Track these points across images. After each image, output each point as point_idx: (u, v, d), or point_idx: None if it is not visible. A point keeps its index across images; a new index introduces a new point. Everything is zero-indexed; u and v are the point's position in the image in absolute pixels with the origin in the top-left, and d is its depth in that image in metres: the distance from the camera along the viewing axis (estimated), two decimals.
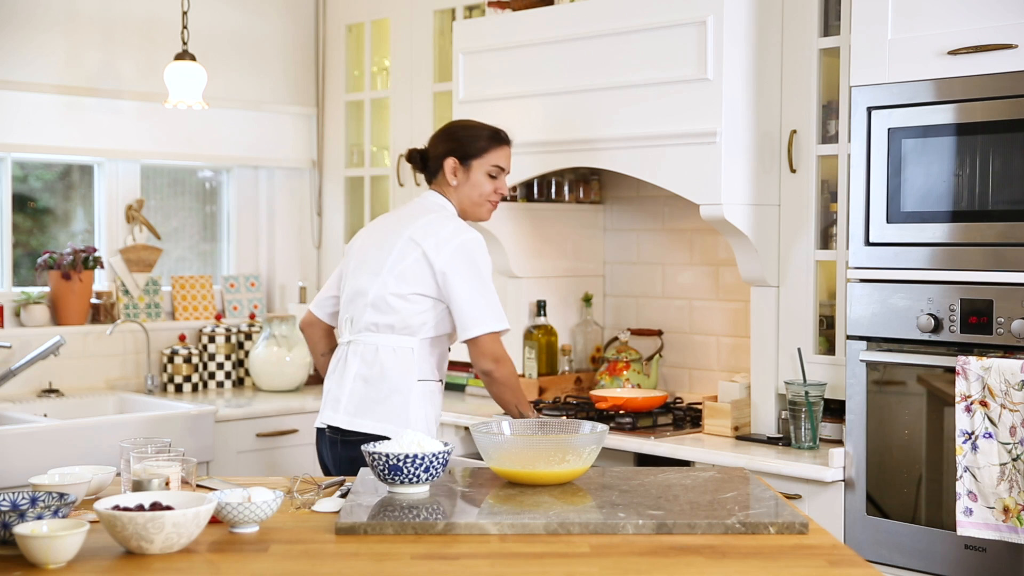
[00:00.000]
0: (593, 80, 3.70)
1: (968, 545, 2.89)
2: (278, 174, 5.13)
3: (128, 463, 2.24)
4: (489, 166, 3.21)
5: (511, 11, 4.01)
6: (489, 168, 3.21)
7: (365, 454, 2.27)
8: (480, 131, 3.25)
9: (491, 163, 3.21)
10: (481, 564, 1.89)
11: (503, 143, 3.26)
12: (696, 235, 4.16)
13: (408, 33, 4.68)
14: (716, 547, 1.97)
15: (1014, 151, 2.85)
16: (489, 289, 3.07)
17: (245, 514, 2.04)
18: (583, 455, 2.32)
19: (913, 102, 2.99)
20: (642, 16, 3.57)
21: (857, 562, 1.91)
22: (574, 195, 4.35)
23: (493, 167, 3.22)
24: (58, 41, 4.42)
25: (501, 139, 3.26)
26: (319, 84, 5.10)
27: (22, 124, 4.34)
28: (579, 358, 4.36)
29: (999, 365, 2.79)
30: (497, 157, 3.24)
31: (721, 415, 3.56)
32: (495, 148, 3.23)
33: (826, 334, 3.49)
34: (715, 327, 4.10)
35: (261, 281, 5.06)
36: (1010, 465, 2.78)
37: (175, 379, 4.57)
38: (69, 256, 4.39)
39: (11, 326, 4.36)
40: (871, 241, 3.08)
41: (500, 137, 3.26)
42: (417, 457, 2.23)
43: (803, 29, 3.44)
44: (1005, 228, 2.85)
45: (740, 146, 3.44)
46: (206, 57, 4.61)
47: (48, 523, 1.89)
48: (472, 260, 3.05)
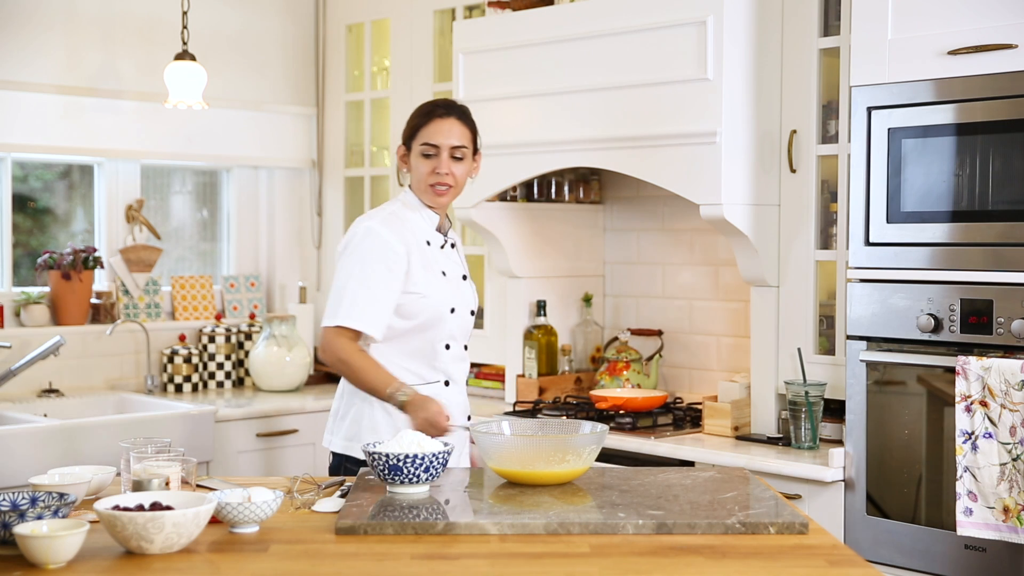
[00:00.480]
0: (593, 80, 3.70)
1: (968, 545, 2.89)
2: (278, 174, 5.13)
3: (128, 463, 2.24)
4: (420, 145, 2.90)
5: (511, 11, 4.01)
6: (420, 148, 2.90)
7: (365, 454, 2.27)
8: (417, 111, 2.96)
9: (421, 141, 2.89)
10: (481, 564, 1.89)
11: (434, 116, 2.90)
12: (696, 235, 4.15)
13: (408, 33, 4.68)
14: (716, 547, 1.97)
15: (1014, 151, 2.85)
16: (355, 282, 2.80)
17: (245, 514, 2.04)
18: (583, 455, 2.32)
19: (913, 102, 2.99)
20: (642, 16, 3.57)
21: (857, 562, 1.91)
22: (574, 195, 4.35)
23: (423, 145, 2.89)
24: (58, 41, 4.42)
25: (432, 113, 2.91)
26: (319, 84, 5.10)
27: (22, 124, 4.34)
28: (579, 358, 4.36)
29: (999, 365, 2.79)
30: (428, 134, 2.89)
31: (721, 415, 3.56)
32: (426, 124, 2.90)
33: (826, 334, 3.49)
34: (715, 327, 4.10)
35: (261, 281, 5.06)
36: (1010, 465, 2.78)
37: (175, 379, 4.57)
38: (69, 256, 4.39)
39: (11, 326, 4.36)
40: (871, 241, 3.08)
41: (431, 112, 2.91)
42: (417, 457, 2.23)
43: (803, 29, 3.44)
44: (1005, 228, 2.85)
45: (740, 146, 3.44)
46: (206, 57, 4.61)
47: (48, 523, 1.89)
48: (351, 249, 2.84)
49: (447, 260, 2.96)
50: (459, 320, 2.95)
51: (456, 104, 2.96)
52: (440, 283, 2.90)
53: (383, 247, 2.82)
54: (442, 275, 2.91)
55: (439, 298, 2.88)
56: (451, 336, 2.93)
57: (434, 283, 2.88)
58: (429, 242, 2.93)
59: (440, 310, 2.89)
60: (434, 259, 2.91)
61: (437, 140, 2.88)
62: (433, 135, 2.88)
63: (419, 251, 2.88)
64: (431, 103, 2.95)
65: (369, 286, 2.79)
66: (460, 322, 2.95)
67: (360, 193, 4.97)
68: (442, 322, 2.89)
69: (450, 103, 2.95)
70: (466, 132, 2.92)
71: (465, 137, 2.92)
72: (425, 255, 2.89)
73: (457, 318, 2.94)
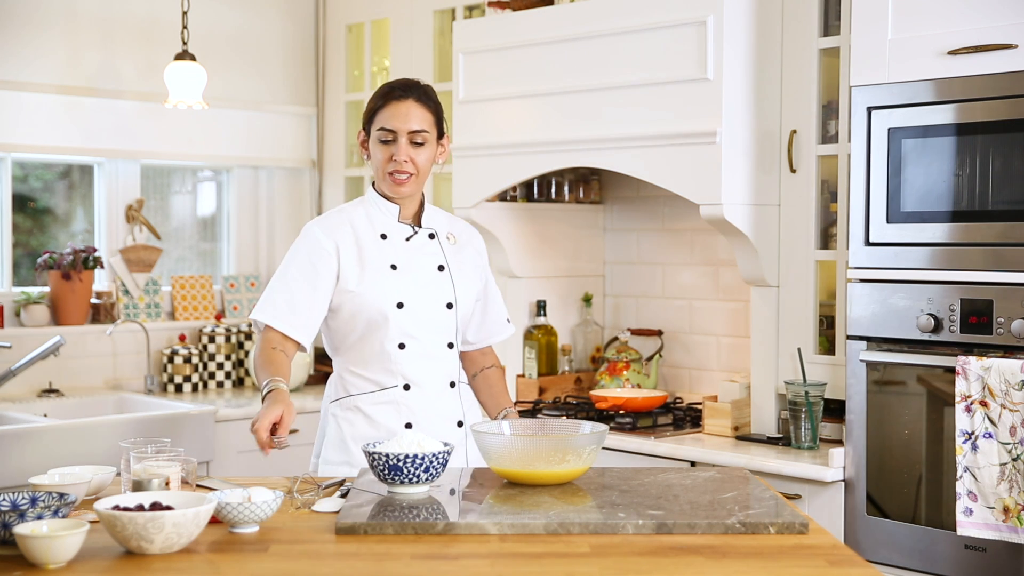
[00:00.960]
0: (593, 80, 3.70)
1: (968, 545, 2.89)
2: (278, 174, 5.13)
3: (128, 463, 2.24)
4: (377, 130, 2.71)
5: (511, 11, 4.01)
6: (377, 133, 2.71)
7: (365, 454, 2.27)
8: (377, 92, 2.76)
9: (378, 126, 2.70)
10: (481, 564, 1.89)
11: (391, 99, 2.70)
12: (696, 235, 4.15)
13: (408, 33, 4.68)
14: (716, 547, 1.97)
15: (1014, 151, 2.85)
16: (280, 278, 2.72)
17: (245, 514, 2.04)
18: (583, 455, 2.32)
19: (913, 102, 2.99)
20: (642, 16, 3.57)
21: (857, 562, 1.91)
22: (574, 195, 4.35)
23: (380, 130, 2.70)
24: (58, 41, 4.42)
25: (389, 95, 2.71)
26: (319, 84, 5.10)
27: (22, 124, 4.34)
28: (579, 358, 4.36)
29: (999, 365, 2.79)
30: (384, 117, 2.69)
31: (721, 415, 3.56)
32: (382, 107, 2.70)
33: (826, 334, 3.49)
34: (715, 327, 4.10)
35: (261, 281, 5.06)
36: (1010, 465, 2.78)
37: (175, 379, 4.57)
38: (69, 256, 4.39)
39: (11, 326, 4.36)
40: (871, 241, 3.08)
41: (387, 94, 2.71)
42: (417, 457, 2.23)
43: (803, 29, 3.44)
44: (1005, 228, 2.85)
45: (740, 146, 3.44)
46: (206, 57, 4.61)
47: (48, 523, 1.89)
48: (292, 248, 2.77)
49: (410, 252, 2.76)
50: (413, 316, 2.71)
51: (416, 84, 2.75)
52: (381, 278, 2.70)
53: (310, 245, 2.72)
54: (390, 269, 2.71)
55: (376, 294, 2.69)
56: (405, 334, 2.71)
57: (372, 279, 2.70)
58: (385, 235, 2.75)
59: (379, 307, 2.68)
60: (383, 253, 2.73)
61: (393, 124, 2.68)
62: (389, 119, 2.69)
63: (359, 247, 2.72)
64: (389, 84, 2.75)
65: (289, 285, 2.70)
66: (416, 318, 2.71)
67: (360, 193, 4.97)
68: (386, 320, 2.69)
69: (409, 83, 2.74)
70: (427, 115, 2.72)
71: (426, 120, 2.71)
72: (369, 250, 2.72)
73: (409, 314, 2.70)
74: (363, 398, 2.74)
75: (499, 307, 2.97)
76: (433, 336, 2.76)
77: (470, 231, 2.93)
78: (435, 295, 2.76)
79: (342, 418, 2.76)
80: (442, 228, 2.85)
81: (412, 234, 2.79)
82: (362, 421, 2.74)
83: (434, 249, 2.80)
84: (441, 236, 2.83)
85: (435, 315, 2.76)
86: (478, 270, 2.89)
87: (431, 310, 2.75)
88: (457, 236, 2.87)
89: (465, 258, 2.85)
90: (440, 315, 2.77)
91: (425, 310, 2.74)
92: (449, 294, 2.78)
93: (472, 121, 4.03)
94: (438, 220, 2.87)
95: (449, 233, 2.86)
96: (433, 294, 2.76)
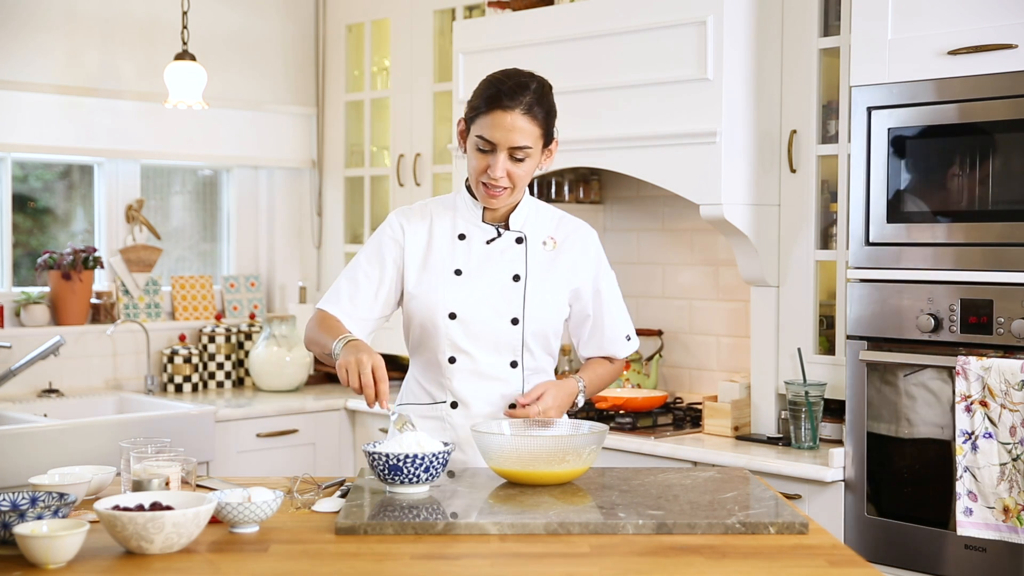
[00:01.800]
0: (593, 80, 3.70)
1: (968, 545, 2.89)
2: (278, 174, 5.13)
3: (128, 463, 2.24)
4: (475, 136, 2.47)
5: (511, 11, 4.01)
6: (475, 139, 2.47)
7: (365, 454, 2.27)
8: (483, 86, 2.51)
9: (477, 132, 2.46)
10: (481, 564, 1.89)
11: (496, 106, 2.43)
12: (696, 235, 4.15)
13: (408, 33, 4.68)
14: (716, 547, 1.97)
15: (1014, 151, 2.85)
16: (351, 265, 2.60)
17: (245, 514, 2.04)
18: (583, 455, 2.32)
19: (913, 102, 2.99)
20: (642, 16, 3.57)
21: (857, 562, 1.91)
22: (574, 195, 4.35)
23: (478, 138, 2.46)
24: (58, 41, 4.42)
25: (495, 101, 2.44)
26: (319, 84, 5.10)
27: (22, 124, 4.34)
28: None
29: (999, 365, 2.79)
30: (485, 126, 2.44)
31: (721, 415, 3.56)
32: (485, 113, 2.45)
33: (826, 334, 3.49)
34: (715, 327, 4.10)
35: (261, 281, 5.06)
36: (1010, 465, 2.78)
37: (175, 379, 4.57)
38: (69, 256, 4.39)
39: (11, 326, 4.36)
40: (871, 241, 3.08)
41: (494, 98, 2.44)
42: (417, 457, 2.23)
43: (803, 29, 3.44)
44: (1005, 228, 2.85)
45: (740, 146, 3.44)
46: (206, 57, 4.61)
47: (48, 523, 1.89)
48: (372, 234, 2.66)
49: (484, 257, 2.55)
50: (467, 328, 2.52)
51: (527, 88, 2.46)
52: (440, 283, 2.52)
53: (384, 234, 2.58)
54: (453, 274, 2.53)
55: (430, 301, 2.52)
56: (455, 347, 2.53)
57: (431, 283, 2.53)
58: (464, 236, 2.56)
59: (431, 315, 2.52)
60: (453, 256, 2.55)
61: (494, 137, 2.43)
62: (490, 129, 2.43)
63: (429, 246, 2.55)
64: (497, 83, 2.47)
65: (355, 273, 2.57)
66: (470, 331, 2.52)
67: (360, 193, 4.97)
68: (437, 330, 2.52)
69: (517, 87, 2.45)
70: (534, 129, 2.45)
71: (531, 135, 2.45)
72: (440, 251, 2.55)
73: (462, 326, 2.52)
74: (415, 408, 2.59)
75: (616, 322, 2.68)
76: (490, 353, 2.54)
77: (581, 236, 2.63)
78: (498, 307, 2.53)
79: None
80: (540, 231, 2.59)
81: (495, 237, 2.55)
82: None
83: (516, 255, 2.55)
84: (534, 240, 2.58)
85: (494, 330, 2.53)
86: (575, 282, 2.61)
87: (490, 324, 2.52)
88: (560, 241, 2.59)
89: (560, 267, 2.58)
90: (501, 330, 2.53)
91: (482, 323, 2.52)
92: (517, 308, 2.53)
93: None
94: (539, 221, 2.60)
95: (549, 237, 2.59)
96: (496, 306, 2.53)
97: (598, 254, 2.65)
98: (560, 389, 2.56)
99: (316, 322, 2.56)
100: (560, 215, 2.65)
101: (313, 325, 2.56)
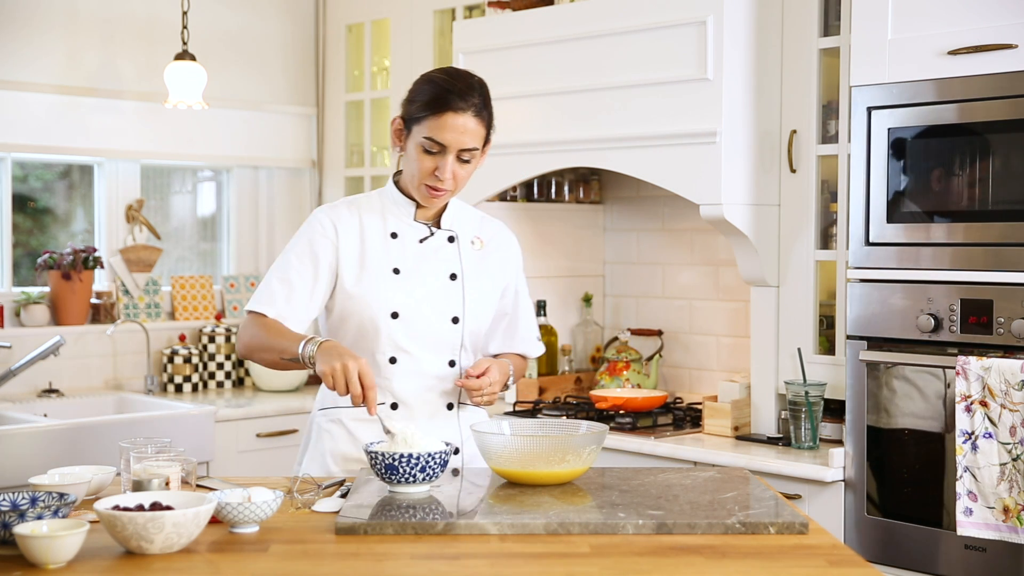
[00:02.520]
0: (593, 80, 3.70)
1: (968, 545, 2.89)
2: (278, 174, 5.13)
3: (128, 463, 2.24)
4: (423, 137, 2.42)
5: (511, 11, 4.01)
6: (423, 141, 2.42)
7: (365, 453, 2.27)
8: (427, 87, 2.46)
9: (425, 133, 2.41)
10: (481, 564, 1.89)
11: (447, 108, 2.40)
12: (696, 235, 4.15)
13: (408, 33, 4.68)
14: (716, 547, 1.97)
15: (1014, 151, 2.85)
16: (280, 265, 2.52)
17: (245, 514, 2.04)
18: (583, 455, 2.32)
19: (913, 102, 2.99)
20: (642, 16, 3.57)
21: (857, 562, 1.91)
22: (574, 195, 4.35)
23: (427, 139, 2.41)
24: (58, 41, 4.42)
25: (446, 103, 2.40)
26: (319, 84, 5.10)
27: (22, 124, 4.34)
28: (579, 358, 4.36)
29: (999, 365, 2.79)
30: (436, 127, 2.40)
31: (721, 415, 3.56)
32: (435, 115, 2.41)
33: (826, 334, 3.49)
34: (715, 327, 4.10)
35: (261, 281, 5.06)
36: (1010, 465, 2.78)
37: (175, 379, 4.57)
38: (69, 256, 4.39)
39: (11, 326, 4.36)
40: (871, 241, 3.08)
41: (444, 100, 2.40)
42: (412, 457, 2.22)
43: (803, 29, 3.44)
44: (1005, 228, 2.85)
45: (740, 146, 3.44)
46: (206, 57, 4.61)
47: (48, 523, 1.89)
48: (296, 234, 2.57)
49: (420, 256, 2.53)
50: (409, 328, 2.49)
51: (475, 90, 2.46)
52: (379, 282, 2.49)
53: (313, 232, 2.51)
54: (392, 273, 2.50)
55: (370, 300, 2.48)
56: (397, 347, 2.49)
57: (371, 282, 2.49)
58: (396, 234, 2.53)
59: (371, 315, 2.48)
60: (388, 254, 2.51)
61: (445, 139, 2.42)
62: (441, 131, 2.41)
63: (363, 244, 2.51)
64: (445, 84, 2.44)
65: (288, 274, 2.49)
66: (412, 330, 2.49)
67: (360, 193, 4.97)
68: (378, 331, 2.48)
69: (467, 88, 2.44)
70: (481, 130, 2.46)
71: (478, 137, 2.46)
72: (374, 249, 2.51)
73: (404, 325, 2.48)
74: (348, 411, 2.53)
75: (529, 324, 2.71)
76: (430, 352, 2.52)
77: (504, 236, 2.66)
78: (439, 307, 2.52)
79: (325, 430, 2.58)
80: (468, 230, 2.60)
81: (428, 235, 2.55)
82: (344, 436, 2.56)
83: (450, 254, 2.56)
84: (464, 240, 2.58)
85: (436, 329, 2.52)
86: (503, 281, 2.63)
87: (431, 323, 2.52)
88: (486, 241, 2.61)
89: (489, 267, 2.60)
90: (442, 329, 2.53)
91: (424, 322, 2.51)
92: (457, 307, 2.54)
93: None
94: (465, 221, 2.61)
95: (476, 237, 2.60)
96: (437, 305, 2.52)
97: (518, 254, 2.69)
98: (501, 366, 2.54)
99: (257, 327, 2.48)
100: (481, 215, 2.67)
101: (255, 331, 2.48)
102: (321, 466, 2.58)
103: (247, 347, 2.51)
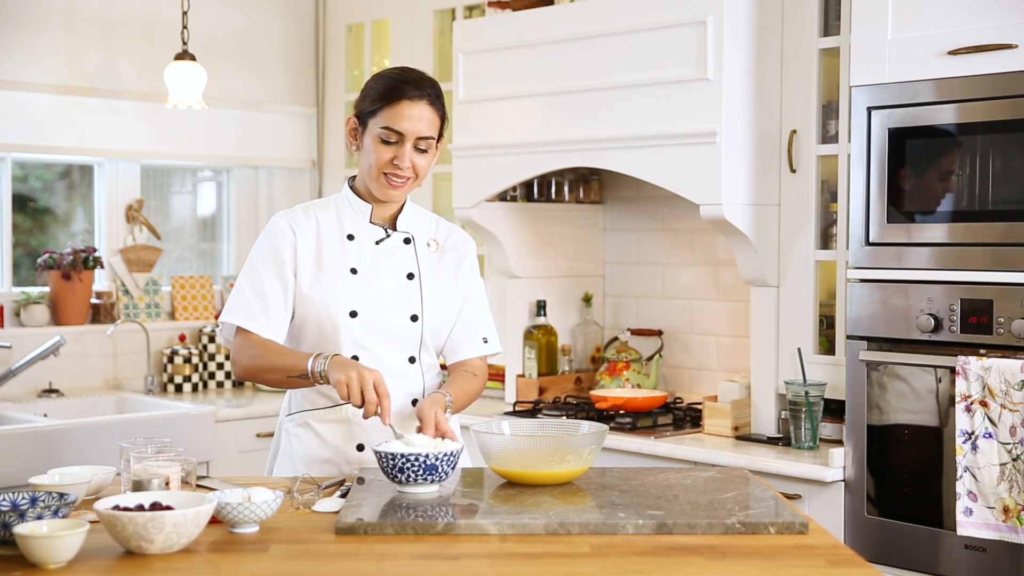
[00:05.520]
0: (593, 80, 3.70)
1: (968, 545, 2.89)
2: (278, 174, 5.13)
3: (128, 463, 2.24)
4: (380, 128, 2.48)
5: (511, 11, 4.01)
6: (380, 131, 2.48)
7: (374, 454, 2.27)
8: (380, 81, 2.53)
9: (382, 124, 2.47)
10: (481, 564, 1.89)
11: (402, 97, 2.47)
12: (696, 235, 4.16)
13: (408, 33, 4.68)
14: (716, 547, 1.97)
15: (1014, 151, 2.85)
16: (247, 275, 2.55)
17: (245, 514, 2.04)
18: (583, 455, 2.32)
19: (913, 102, 2.99)
20: (642, 16, 3.57)
21: (857, 562, 1.91)
22: (574, 195, 4.35)
23: (384, 129, 2.47)
24: (58, 41, 4.42)
25: (400, 93, 2.48)
26: (319, 84, 5.10)
27: (22, 124, 4.34)
28: (579, 358, 4.36)
29: (999, 365, 2.79)
30: (392, 117, 2.47)
31: (721, 415, 3.56)
32: (390, 105, 2.47)
33: (826, 334, 3.49)
34: (715, 327, 4.10)
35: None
36: (1010, 465, 2.78)
37: (175, 379, 4.57)
38: (69, 256, 4.39)
39: (11, 326, 4.36)
40: (871, 241, 3.08)
41: (398, 90, 2.48)
42: (419, 457, 2.22)
43: (803, 29, 3.44)
44: (1005, 228, 2.85)
45: (740, 146, 3.44)
46: (206, 57, 4.61)
47: (48, 523, 1.89)
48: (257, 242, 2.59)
49: (376, 257, 2.57)
50: (368, 326, 2.52)
51: (427, 80, 2.53)
52: (338, 282, 2.52)
53: (274, 238, 2.54)
54: (349, 273, 2.53)
55: (328, 300, 2.50)
56: (358, 345, 2.51)
57: (328, 283, 2.52)
58: (352, 236, 2.57)
59: (330, 314, 2.50)
60: (345, 256, 2.55)
61: (402, 127, 2.47)
62: (397, 120, 2.47)
63: (319, 247, 2.54)
64: (398, 76, 2.51)
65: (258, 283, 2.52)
66: (371, 328, 2.52)
67: None
68: (337, 330, 2.50)
69: (420, 79, 2.52)
70: (436, 119, 2.52)
71: (434, 126, 2.52)
72: (330, 251, 2.54)
73: (363, 323, 2.51)
74: (314, 414, 2.56)
75: (474, 322, 2.68)
76: (391, 349, 2.54)
77: (458, 238, 2.69)
78: (397, 305, 2.55)
79: (293, 435, 2.60)
80: (423, 233, 2.65)
81: (383, 237, 2.59)
82: (312, 440, 2.57)
83: (406, 255, 2.60)
84: (419, 241, 2.63)
85: (395, 327, 2.54)
86: (459, 280, 2.66)
87: (391, 321, 2.54)
88: (441, 242, 2.66)
89: (445, 268, 2.64)
90: (401, 327, 2.55)
91: (383, 320, 2.53)
92: (415, 305, 2.57)
93: (472, 121, 4.03)
94: (420, 224, 2.66)
95: (432, 239, 2.65)
96: (395, 304, 2.55)
97: (473, 254, 2.71)
98: (438, 404, 2.47)
99: (252, 348, 2.51)
100: (436, 218, 2.71)
101: (251, 352, 2.51)
102: (292, 471, 2.58)
103: (246, 370, 2.55)
